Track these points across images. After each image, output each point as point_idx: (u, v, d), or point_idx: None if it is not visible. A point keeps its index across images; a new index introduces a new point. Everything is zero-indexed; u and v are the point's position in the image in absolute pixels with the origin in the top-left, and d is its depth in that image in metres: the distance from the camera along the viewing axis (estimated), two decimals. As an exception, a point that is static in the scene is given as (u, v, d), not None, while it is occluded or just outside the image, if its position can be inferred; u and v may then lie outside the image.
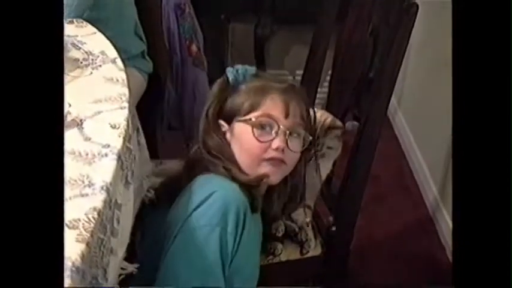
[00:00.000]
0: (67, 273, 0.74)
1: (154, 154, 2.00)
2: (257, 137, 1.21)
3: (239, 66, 1.29)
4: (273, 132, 1.22)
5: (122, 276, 0.98)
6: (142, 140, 1.34)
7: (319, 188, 1.49)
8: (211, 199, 1.09)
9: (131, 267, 1.01)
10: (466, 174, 0.81)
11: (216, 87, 1.29)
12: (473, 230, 0.80)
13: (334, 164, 1.48)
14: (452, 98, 0.84)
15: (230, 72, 1.28)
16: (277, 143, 1.21)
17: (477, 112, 0.82)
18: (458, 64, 0.84)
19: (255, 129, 1.21)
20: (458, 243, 0.82)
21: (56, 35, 0.83)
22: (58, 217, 0.76)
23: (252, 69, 1.29)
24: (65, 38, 1.34)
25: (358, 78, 1.42)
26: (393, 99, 2.87)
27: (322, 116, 1.40)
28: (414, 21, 1.23)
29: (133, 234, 1.02)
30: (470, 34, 0.83)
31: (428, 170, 2.40)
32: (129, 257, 1.00)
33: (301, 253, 1.43)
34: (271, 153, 1.21)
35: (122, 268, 0.98)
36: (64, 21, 1.44)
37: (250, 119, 1.22)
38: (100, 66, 1.24)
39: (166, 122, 2.09)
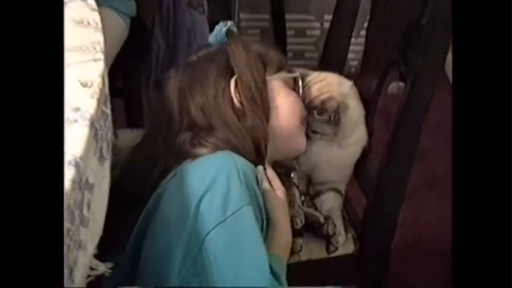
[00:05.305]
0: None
1: (137, 122, 2.02)
2: None
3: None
4: None
5: (90, 278, 0.99)
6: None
7: (351, 169, 1.51)
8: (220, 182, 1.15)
9: (102, 267, 1.02)
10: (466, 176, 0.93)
11: None
12: (474, 230, 0.92)
13: (370, 135, 1.49)
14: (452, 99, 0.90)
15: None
16: None
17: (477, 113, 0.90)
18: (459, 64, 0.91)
19: None
20: (458, 243, 0.95)
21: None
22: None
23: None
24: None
25: (405, 25, 1.41)
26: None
27: (319, 90, 1.44)
28: None
29: (106, 225, 1.02)
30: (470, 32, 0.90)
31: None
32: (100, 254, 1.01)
33: (328, 250, 1.45)
34: None
35: (91, 268, 0.99)
36: None
37: None
38: (65, 3, 1.23)
39: (155, 81, 2.10)
